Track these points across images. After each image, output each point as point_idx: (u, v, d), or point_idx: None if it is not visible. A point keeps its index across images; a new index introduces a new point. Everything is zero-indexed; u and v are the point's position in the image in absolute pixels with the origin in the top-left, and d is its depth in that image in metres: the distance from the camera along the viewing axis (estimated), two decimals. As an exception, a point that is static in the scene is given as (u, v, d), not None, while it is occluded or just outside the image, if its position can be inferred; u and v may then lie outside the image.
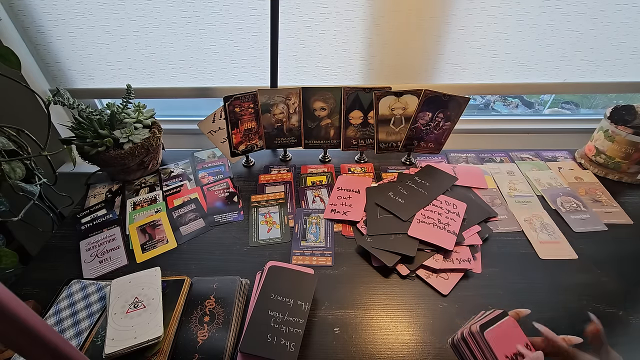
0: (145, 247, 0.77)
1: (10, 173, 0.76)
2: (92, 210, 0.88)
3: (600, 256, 0.72)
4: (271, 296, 0.60)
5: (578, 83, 1.04)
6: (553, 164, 0.97)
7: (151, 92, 1.10)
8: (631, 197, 0.86)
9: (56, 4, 0.93)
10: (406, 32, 0.95)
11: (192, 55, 1.02)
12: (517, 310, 0.50)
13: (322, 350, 0.58)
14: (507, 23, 0.93)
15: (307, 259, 0.74)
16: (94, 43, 1.00)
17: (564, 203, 0.84)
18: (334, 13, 0.92)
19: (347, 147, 0.97)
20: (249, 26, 0.96)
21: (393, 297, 0.66)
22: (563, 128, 1.17)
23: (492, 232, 0.78)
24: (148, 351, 0.55)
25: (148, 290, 0.62)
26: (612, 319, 0.61)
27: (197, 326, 0.59)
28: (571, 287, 0.67)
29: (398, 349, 0.59)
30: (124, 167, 0.89)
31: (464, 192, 0.86)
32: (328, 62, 1.02)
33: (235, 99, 0.85)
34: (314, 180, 0.94)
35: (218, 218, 0.84)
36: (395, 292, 0.67)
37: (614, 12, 0.90)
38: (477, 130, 1.18)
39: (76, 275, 0.72)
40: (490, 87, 1.06)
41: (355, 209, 0.82)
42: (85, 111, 0.86)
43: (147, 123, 0.93)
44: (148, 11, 0.94)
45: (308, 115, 0.92)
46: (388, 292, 0.67)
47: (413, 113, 0.88)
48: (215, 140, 0.92)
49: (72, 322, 0.61)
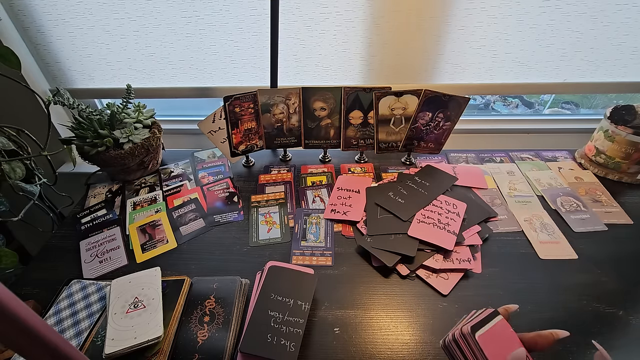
0: (145, 247, 0.77)
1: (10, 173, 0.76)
2: (92, 210, 0.88)
3: (600, 256, 0.72)
4: (271, 296, 0.60)
5: (578, 83, 1.04)
6: (553, 164, 0.97)
7: (151, 92, 1.10)
8: (631, 197, 0.86)
9: (56, 4, 0.93)
10: (406, 32, 0.95)
11: (192, 55, 1.02)
12: (505, 307, 0.49)
13: (322, 350, 0.58)
14: (507, 23, 0.93)
15: (307, 259, 0.74)
16: (94, 43, 1.00)
17: (564, 203, 0.84)
18: (334, 13, 0.92)
19: (347, 147, 0.97)
20: (249, 26, 0.96)
21: (393, 297, 0.66)
22: (563, 128, 1.17)
23: (492, 232, 0.78)
24: (148, 351, 0.55)
25: (148, 290, 0.62)
26: (612, 319, 0.61)
27: (197, 326, 0.59)
28: (571, 287, 0.67)
29: (398, 349, 0.59)
30: (124, 167, 0.89)
31: (464, 192, 0.86)
32: (328, 62, 1.02)
33: (235, 99, 0.85)
34: (314, 180, 0.94)
35: (218, 218, 0.84)
36: (395, 292, 0.67)
37: (614, 12, 0.90)
38: (477, 130, 1.18)
39: (76, 275, 0.72)
40: (490, 87, 1.06)
41: (355, 209, 0.82)
42: (85, 111, 0.86)
43: (147, 123, 0.93)
44: (148, 11, 0.94)
45: (308, 115, 0.92)
46: (388, 292, 0.67)
47: (413, 113, 0.88)
48: (215, 140, 0.92)
49: (72, 322, 0.61)
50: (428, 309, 0.64)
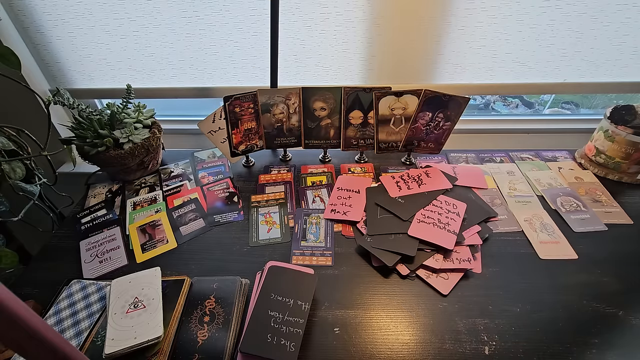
0: (145, 247, 0.77)
1: (10, 173, 0.76)
2: (92, 210, 0.88)
3: (600, 256, 0.72)
4: (271, 296, 0.60)
5: (578, 83, 1.04)
6: (553, 164, 0.97)
7: (151, 92, 1.10)
8: (631, 197, 0.86)
9: (56, 4, 0.93)
10: (406, 32, 0.95)
11: (192, 55, 1.02)
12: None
13: (322, 350, 0.58)
14: (507, 23, 0.93)
15: (307, 259, 0.74)
16: (93, 43, 1.00)
17: (564, 203, 0.84)
18: (334, 13, 0.92)
19: (347, 147, 0.97)
20: (249, 26, 0.96)
21: (393, 297, 0.66)
22: (563, 128, 1.17)
23: (492, 232, 0.78)
24: (148, 351, 0.55)
25: (148, 290, 0.62)
26: (612, 319, 0.61)
27: (197, 326, 0.59)
28: (571, 287, 0.67)
29: (398, 349, 0.59)
30: (124, 167, 0.89)
31: (464, 192, 0.86)
32: (328, 62, 1.02)
33: (235, 99, 0.85)
34: (314, 180, 0.94)
35: (218, 218, 0.84)
36: (395, 292, 0.67)
37: (614, 12, 0.90)
38: (477, 130, 1.18)
39: (76, 275, 0.72)
40: (490, 87, 1.06)
41: (355, 209, 0.82)
42: (85, 111, 0.86)
43: (147, 123, 0.93)
44: (148, 11, 0.94)
45: (308, 115, 0.92)
46: (388, 292, 0.67)
47: (413, 113, 0.88)
48: (215, 140, 0.92)
49: (72, 322, 0.61)
50: (428, 309, 0.64)
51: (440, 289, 0.66)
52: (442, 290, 0.66)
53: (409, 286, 0.68)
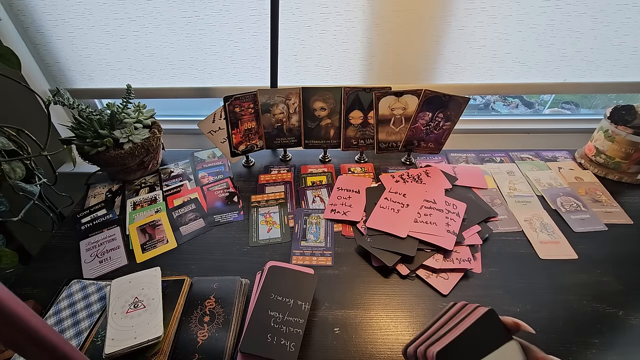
0: (145, 247, 0.77)
1: (10, 173, 0.76)
2: (92, 210, 0.88)
3: (600, 256, 0.72)
4: (271, 296, 0.60)
5: (578, 83, 1.04)
6: (553, 164, 0.97)
7: (151, 92, 1.10)
8: (631, 197, 0.86)
9: (56, 4, 0.93)
10: (406, 32, 0.95)
11: (192, 55, 1.02)
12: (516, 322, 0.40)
13: (322, 350, 0.58)
14: (507, 23, 0.93)
15: (307, 259, 0.74)
16: (93, 43, 1.00)
17: (564, 203, 0.84)
18: (334, 13, 0.92)
19: (347, 147, 0.97)
20: (249, 26, 0.96)
21: (393, 297, 0.66)
22: (563, 128, 1.17)
23: (492, 232, 0.78)
24: (148, 351, 0.55)
25: (148, 290, 0.62)
26: (612, 319, 0.61)
27: (197, 326, 0.59)
28: (571, 287, 0.67)
29: (398, 349, 0.59)
30: (124, 167, 0.89)
31: (464, 192, 0.86)
32: (328, 62, 1.02)
33: (235, 99, 0.85)
34: (314, 180, 0.94)
35: (218, 218, 0.84)
36: (395, 292, 0.67)
37: (614, 12, 0.90)
38: (477, 130, 1.18)
39: (76, 275, 0.72)
40: (490, 87, 1.06)
41: (355, 209, 0.82)
42: (85, 111, 0.86)
43: (147, 123, 0.93)
44: (148, 11, 0.94)
45: (308, 115, 0.92)
46: (388, 292, 0.67)
47: (413, 113, 0.88)
48: (215, 140, 0.92)
49: (72, 322, 0.61)
50: (428, 309, 0.64)
51: (440, 289, 0.66)
52: (442, 290, 0.66)
53: (409, 286, 0.68)
